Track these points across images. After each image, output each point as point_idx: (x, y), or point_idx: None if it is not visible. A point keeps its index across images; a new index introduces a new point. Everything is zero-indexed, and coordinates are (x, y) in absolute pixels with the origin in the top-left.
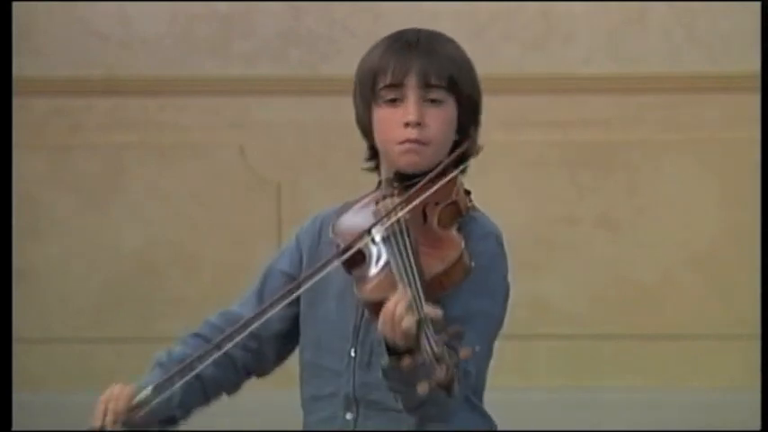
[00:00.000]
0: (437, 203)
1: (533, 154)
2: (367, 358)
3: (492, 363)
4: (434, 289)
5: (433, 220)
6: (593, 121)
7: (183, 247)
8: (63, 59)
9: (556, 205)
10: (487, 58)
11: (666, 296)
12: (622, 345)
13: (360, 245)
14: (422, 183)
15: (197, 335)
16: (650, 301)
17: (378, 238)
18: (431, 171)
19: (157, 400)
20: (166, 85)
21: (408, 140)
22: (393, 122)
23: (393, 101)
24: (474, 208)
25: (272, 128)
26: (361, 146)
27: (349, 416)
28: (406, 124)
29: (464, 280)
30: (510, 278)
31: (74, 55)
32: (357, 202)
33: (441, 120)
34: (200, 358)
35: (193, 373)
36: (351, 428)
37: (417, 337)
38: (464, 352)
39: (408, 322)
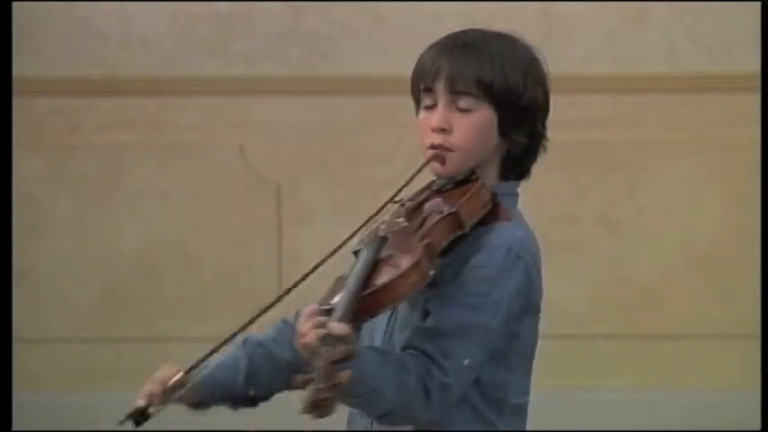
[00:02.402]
0: (441, 212)
1: None
2: None
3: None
4: (373, 302)
5: (423, 231)
6: (593, 121)
7: (183, 247)
8: (63, 59)
9: (556, 205)
10: None
11: (666, 296)
12: (622, 345)
13: (356, 248)
14: (431, 190)
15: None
16: (650, 301)
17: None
18: (462, 176)
19: (194, 380)
20: (166, 85)
21: (433, 146)
22: (425, 127)
23: (430, 106)
24: (502, 217)
25: (272, 128)
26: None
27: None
28: (433, 129)
29: (412, 293)
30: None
31: (74, 55)
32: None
33: (467, 127)
34: (240, 331)
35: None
36: (369, 428)
37: (315, 352)
38: (341, 375)
39: (309, 338)
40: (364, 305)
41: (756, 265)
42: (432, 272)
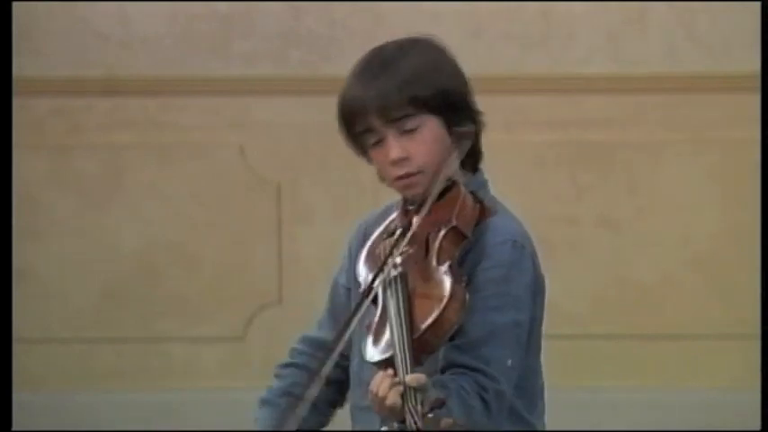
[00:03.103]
0: (438, 229)
1: (533, 154)
2: None
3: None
4: (429, 341)
5: (433, 253)
6: (593, 121)
7: (183, 247)
8: (63, 59)
9: (556, 205)
10: (487, 58)
11: (666, 296)
12: (622, 345)
13: (372, 294)
14: (416, 209)
15: (289, 364)
16: (650, 301)
17: (380, 290)
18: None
19: None
20: (166, 85)
21: (400, 177)
22: (384, 163)
23: (377, 142)
24: (490, 213)
25: (272, 128)
26: None
27: (384, 428)
28: (393, 163)
29: (460, 320)
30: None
31: (74, 55)
32: (387, 215)
33: (423, 145)
34: (307, 388)
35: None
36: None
37: (402, 410)
38: (444, 422)
39: (392, 400)
40: (419, 348)
41: (756, 265)
42: (468, 295)
